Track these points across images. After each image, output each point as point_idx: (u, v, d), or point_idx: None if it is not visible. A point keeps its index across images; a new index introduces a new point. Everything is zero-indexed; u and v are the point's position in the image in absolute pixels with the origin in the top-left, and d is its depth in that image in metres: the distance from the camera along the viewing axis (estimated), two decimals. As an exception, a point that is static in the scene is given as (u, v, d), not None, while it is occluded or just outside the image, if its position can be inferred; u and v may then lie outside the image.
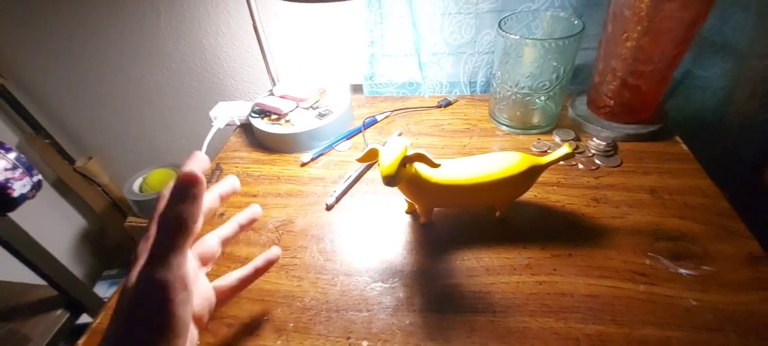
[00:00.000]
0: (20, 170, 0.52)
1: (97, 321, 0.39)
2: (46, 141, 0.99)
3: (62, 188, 1.08)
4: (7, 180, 0.50)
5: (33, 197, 0.54)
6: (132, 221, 0.95)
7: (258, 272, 0.36)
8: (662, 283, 0.36)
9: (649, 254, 0.39)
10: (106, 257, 1.20)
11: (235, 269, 0.42)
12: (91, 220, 1.17)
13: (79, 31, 0.79)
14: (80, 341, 0.38)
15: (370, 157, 0.38)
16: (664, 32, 0.43)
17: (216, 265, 0.43)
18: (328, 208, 0.49)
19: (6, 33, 0.81)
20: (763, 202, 0.59)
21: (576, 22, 0.49)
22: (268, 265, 0.36)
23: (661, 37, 0.44)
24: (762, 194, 0.59)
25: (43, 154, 1.00)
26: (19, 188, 0.52)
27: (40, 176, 0.54)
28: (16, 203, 0.53)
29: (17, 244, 0.55)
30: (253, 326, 0.37)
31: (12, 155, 0.52)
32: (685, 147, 0.51)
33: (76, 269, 1.13)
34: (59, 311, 0.63)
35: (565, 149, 0.39)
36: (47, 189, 1.05)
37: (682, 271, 0.37)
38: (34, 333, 0.59)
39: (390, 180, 0.35)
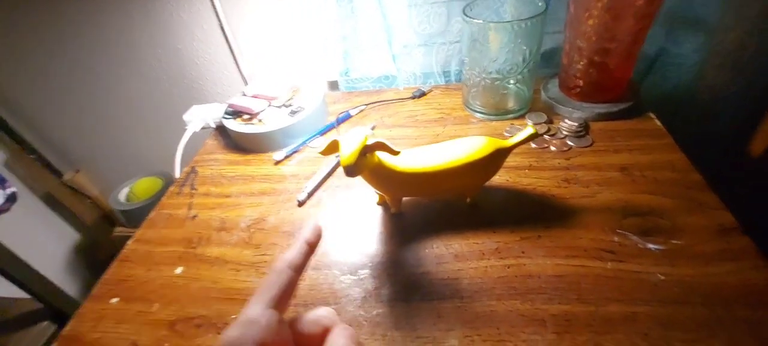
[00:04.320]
0: (-8, 184, 0.52)
1: (68, 328, 0.39)
2: (32, 156, 0.99)
3: (52, 203, 1.08)
4: (-20, 194, 0.50)
5: (8, 209, 0.54)
6: (120, 231, 0.95)
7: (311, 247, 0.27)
8: (630, 259, 0.36)
9: (618, 231, 0.38)
10: (101, 269, 1.20)
11: (205, 270, 0.42)
12: (83, 233, 1.17)
13: (56, 44, 0.79)
14: (50, 350, 0.38)
15: (332, 150, 0.38)
16: (624, 8, 0.43)
17: (193, 268, 0.43)
18: (300, 204, 0.48)
19: (-16, 50, 0.81)
20: (741, 173, 0.59)
21: (540, 3, 0.48)
22: (318, 234, 0.28)
23: (622, 13, 0.43)
24: (737, 165, 0.58)
25: (30, 170, 1.00)
26: (-8, 201, 0.52)
27: (14, 189, 0.54)
28: (-9, 217, 0.53)
29: (-4, 259, 0.56)
30: (222, 326, 0.37)
31: (-16, 170, 0.52)
32: (658, 123, 0.50)
33: (72, 283, 1.13)
34: (45, 323, 0.63)
35: (529, 130, 0.38)
36: (37, 204, 1.05)
37: (651, 246, 0.37)
38: (19, 346, 0.59)
39: (351, 170, 0.35)
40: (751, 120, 0.57)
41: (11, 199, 0.54)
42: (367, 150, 0.36)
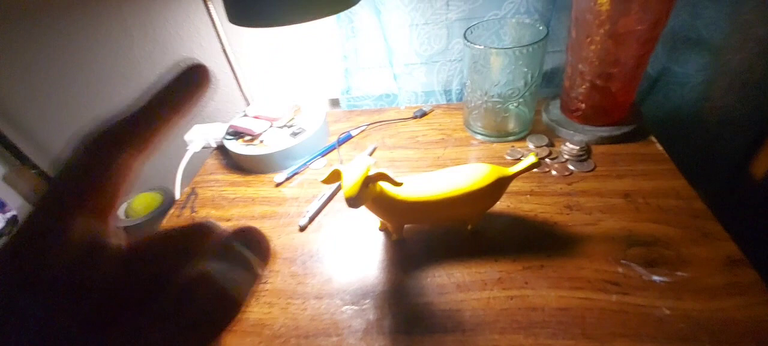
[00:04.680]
0: (-9, 208, 0.51)
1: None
2: (33, 171, 0.98)
3: (52, 217, 1.08)
4: (-21, 218, 0.50)
5: (9, 233, 0.54)
6: (120, 246, 0.95)
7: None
8: (635, 292, 0.35)
9: (622, 261, 0.38)
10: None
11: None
12: (83, 246, 1.17)
13: (56, 60, 0.79)
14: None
15: (334, 179, 0.38)
16: (627, 33, 0.43)
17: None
18: (302, 229, 0.48)
19: (-15, 67, 0.81)
20: (744, 198, 0.59)
21: (541, 27, 0.48)
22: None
23: (625, 39, 0.43)
24: (743, 189, 0.58)
25: (30, 184, 1.00)
26: (-8, 225, 0.51)
27: (14, 212, 0.54)
28: (-10, 239, 0.52)
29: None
30: (220, 358, 0.36)
31: (-16, 193, 0.51)
32: (659, 147, 0.50)
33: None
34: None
35: (531, 159, 0.38)
36: (36, 218, 1.05)
37: (656, 278, 0.36)
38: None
39: (353, 202, 0.34)
40: (759, 143, 0.56)
41: (11, 222, 0.53)
42: (369, 181, 0.36)
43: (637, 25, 0.41)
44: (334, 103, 0.75)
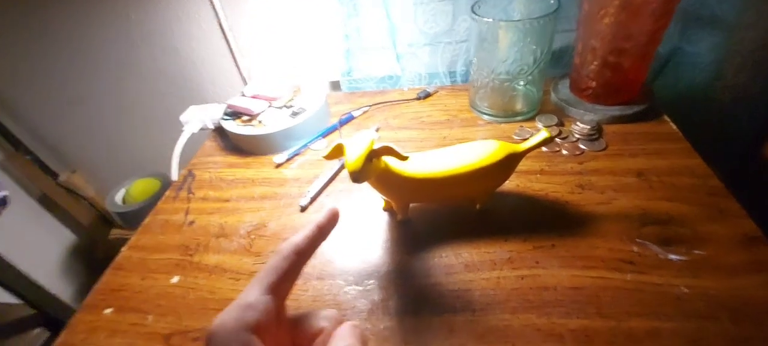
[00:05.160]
0: (-19, 188, 0.50)
1: (59, 340, 0.37)
2: (27, 157, 0.96)
3: (48, 204, 1.06)
4: (-31, 199, 0.48)
5: (-1, 214, 0.52)
6: (117, 233, 0.93)
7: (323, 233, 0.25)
8: (651, 270, 0.34)
9: (637, 240, 0.36)
10: (98, 271, 1.18)
11: (203, 279, 0.40)
12: (80, 234, 1.15)
13: (52, 43, 0.77)
14: (39, 364, 0.36)
15: (337, 154, 0.36)
16: (642, 6, 0.41)
17: (190, 277, 0.41)
18: (303, 209, 0.46)
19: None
20: (760, 178, 0.57)
21: (552, 1, 0.47)
22: (333, 220, 0.26)
23: (640, 12, 0.41)
24: (759, 169, 0.56)
25: (25, 171, 0.98)
26: (-18, 206, 0.50)
27: (5, 192, 0.52)
28: (-19, 222, 0.51)
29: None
30: (219, 339, 0.35)
31: (-26, 174, 0.50)
32: (673, 126, 0.48)
33: (68, 285, 1.11)
34: (38, 330, 0.62)
35: (544, 134, 0.36)
36: (32, 206, 1.03)
37: (672, 256, 0.35)
38: (12, 354, 0.58)
39: (357, 176, 0.33)
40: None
41: (2, 202, 0.52)
42: (373, 155, 0.34)
43: (653, -5, 0.39)
44: (335, 86, 0.73)
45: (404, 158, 0.34)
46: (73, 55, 0.78)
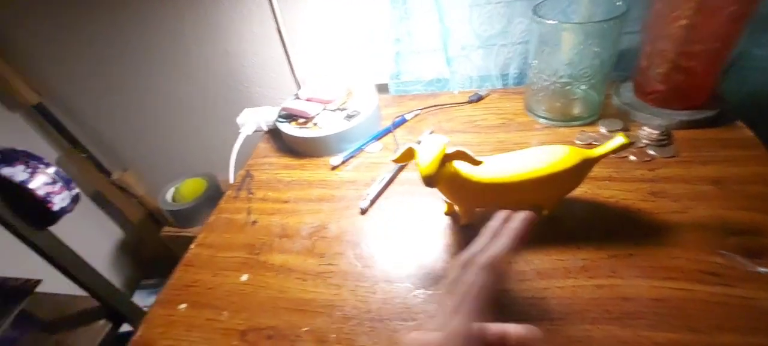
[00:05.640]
0: (59, 184, 0.53)
1: (138, 334, 0.39)
2: (83, 155, 1.02)
3: (100, 201, 1.12)
4: (48, 194, 0.51)
5: (71, 210, 0.55)
6: (168, 230, 0.96)
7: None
8: (738, 283, 0.33)
9: (720, 251, 0.35)
10: (144, 267, 1.23)
11: (271, 278, 0.42)
12: (128, 231, 1.20)
13: (109, 48, 0.80)
14: (123, 355, 0.38)
15: (407, 158, 0.37)
16: (719, 8, 0.39)
17: (259, 275, 0.42)
18: (363, 212, 0.47)
19: (44, 53, 0.84)
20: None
21: (619, 3, 0.45)
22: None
23: (717, 13, 0.40)
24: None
25: (80, 168, 1.04)
26: (58, 201, 0.53)
27: (77, 190, 0.55)
28: (56, 216, 0.54)
29: (59, 257, 0.57)
30: (294, 339, 0.36)
31: (51, 170, 0.53)
32: (748, 132, 0.46)
33: (115, 280, 1.16)
34: (102, 322, 0.65)
35: (620, 139, 0.35)
36: (85, 202, 1.09)
37: (761, 269, 0.33)
38: (79, 344, 0.60)
39: (430, 180, 0.33)
40: None
41: (75, 200, 0.54)
42: (446, 159, 0.34)
43: (733, -2, 0.38)
44: (382, 88, 0.73)
45: (478, 163, 0.34)
46: (128, 56, 0.81)
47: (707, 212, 0.38)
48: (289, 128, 0.57)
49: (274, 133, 0.64)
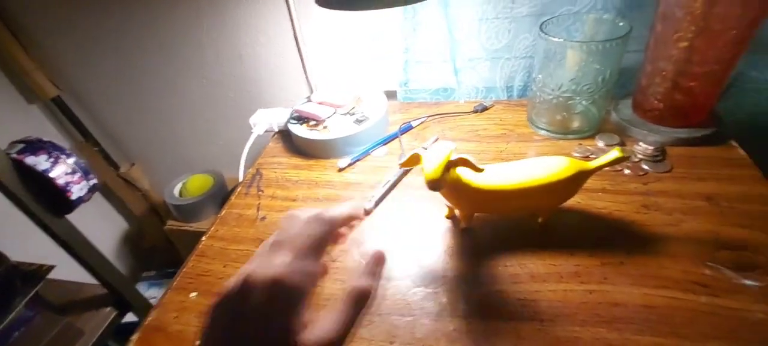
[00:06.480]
0: (79, 174, 0.55)
1: (152, 317, 0.41)
2: (95, 148, 1.04)
3: (106, 193, 1.14)
4: (67, 183, 0.54)
5: (88, 199, 0.57)
6: (172, 224, 0.99)
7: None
8: (725, 295, 0.34)
9: (709, 263, 0.37)
10: (144, 259, 1.25)
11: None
12: (131, 223, 1.23)
13: (127, 44, 0.83)
14: (134, 338, 0.39)
15: (413, 162, 0.39)
16: (720, 32, 0.41)
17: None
18: (367, 212, 0.49)
19: (64, 49, 0.87)
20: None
21: (621, 23, 0.47)
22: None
23: (717, 37, 0.42)
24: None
25: (90, 160, 1.06)
26: (76, 191, 0.55)
27: (95, 180, 0.57)
28: (73, 205, 0.56)
29: (74, 244, 0.59)
30: (297, 328, 0.37)
31: (71, 160, 0.55)
32: (742, 152, 0.48)
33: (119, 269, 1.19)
34: (108, 309, 0.67)
35: (616, 153, 0.37)
36: (95, 194, 1.11)
37: (748, 282, 0.35)
38: (87, 328, 0.62)
39: (434, 185, 0.35)
40: None
41: (93, 189, 0.57)
42: (450, 165, 0.36)
43: (732, 23, 0.40)
44: (390, 95, 0.75)
45: (480, 170, 0.36)
46: (144, 54, 0.84)
47: (699, 226, 0.40)
48: (299, 130, 0.60)
49: (283, 135, 0.66)
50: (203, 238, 0.49)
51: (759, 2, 0.39)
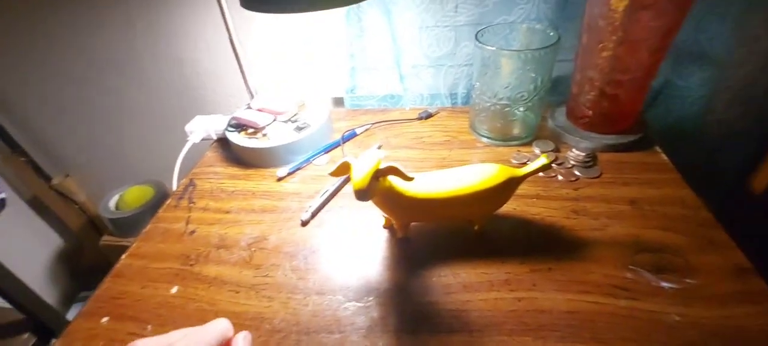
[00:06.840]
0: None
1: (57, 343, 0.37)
2: (23, 159, 0.96)
3: (38, 207, 1.05)
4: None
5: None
6: (107, 240, 0.92)
7: None
8: (644, 297, 0.35)
9: (630, 267, 0.37)
10: (84, 278, 1.16)
11: (203, 290, 0.40)
12: (68, 239, 1.14)
13: (55, 48, 0.77)
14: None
15: (343, 171, 0.37)
16: (639, 41, 0.43)
17: (190, 287, 0.41)
18: (303, 224, 0.47)
19: (-19, 49, 0.79)
20: (746, 210, 0.59)
21: (551, 33, 0.49)
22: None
23: (637, 46, 0.43)
24: (745, 202, 0.58)
25: (18, 172, 0.97)
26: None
27: (3, 195, 0.52)
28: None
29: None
30: (217, 352, 0.35)
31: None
32: (664, 157, 0.50)
33: (53, 290, 1.09)
34: (26, 335, 0.60)
35: (543, 160, 0.38)
36: (22, 208, 1.02)
37: (665, 284, 0.36)
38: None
39: (362, 194, 0.34)
40: (761, 157, 0.57)
41: (1, 205, 0.51)
42: (379, 174, 0.35)
43: (650, 33, 0.42)
44: (338, 102, 0.74)
45: (409, 179, 0.35)
46: (74, 59, 0.78)
47: (622, 230, 0.41)
48: (237, 138, 0.57)
49: (222, 143, 0.63)
50: (122, 256, 0.45)
51: (673, 13, 0.41)
